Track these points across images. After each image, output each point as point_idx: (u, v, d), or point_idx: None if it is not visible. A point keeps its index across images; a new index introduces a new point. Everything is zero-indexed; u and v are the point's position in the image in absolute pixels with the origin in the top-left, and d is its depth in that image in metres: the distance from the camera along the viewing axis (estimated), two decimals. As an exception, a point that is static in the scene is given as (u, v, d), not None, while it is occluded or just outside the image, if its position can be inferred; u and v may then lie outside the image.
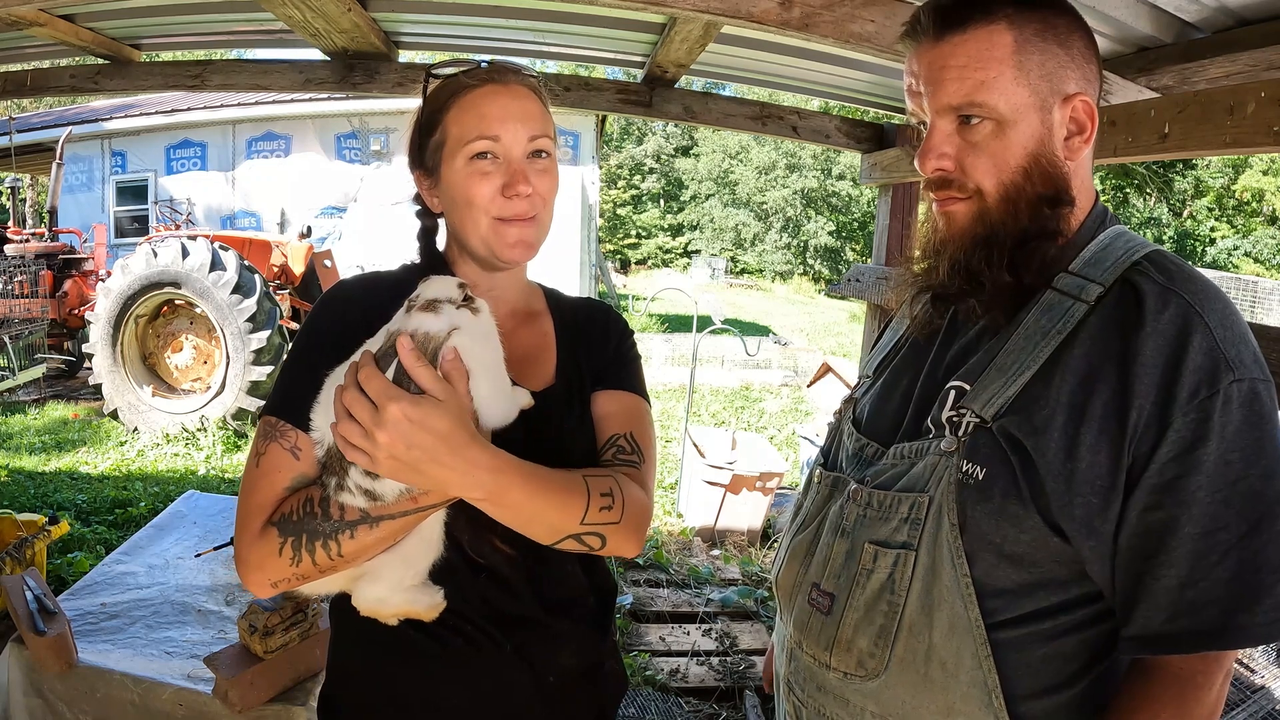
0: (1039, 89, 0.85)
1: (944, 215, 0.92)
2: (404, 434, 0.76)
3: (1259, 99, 1.34)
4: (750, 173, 29.62)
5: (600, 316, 1.14)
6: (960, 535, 0.83)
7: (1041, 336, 0.84)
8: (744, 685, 3.04)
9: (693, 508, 4.64)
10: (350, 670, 1.04)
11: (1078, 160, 0.88)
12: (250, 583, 0.90)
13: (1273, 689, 2.50)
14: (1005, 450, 0.82)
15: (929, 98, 0.88)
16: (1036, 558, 0.82)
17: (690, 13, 1.72)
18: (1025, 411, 0.81)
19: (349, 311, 0.97)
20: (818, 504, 1.03)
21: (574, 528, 0.90)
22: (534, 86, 1.01)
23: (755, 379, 9.55)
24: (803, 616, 0.97)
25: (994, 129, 0.85)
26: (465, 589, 0.96)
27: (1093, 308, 0.83)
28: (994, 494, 0.82)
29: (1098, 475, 0.77)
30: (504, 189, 0.96)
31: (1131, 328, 0.78)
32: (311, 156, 11.01)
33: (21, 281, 6.83)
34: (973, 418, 0.85)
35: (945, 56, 0.86)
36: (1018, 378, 0.83)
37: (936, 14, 0.87)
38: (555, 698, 1.02)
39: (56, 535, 2.87)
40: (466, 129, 0.96)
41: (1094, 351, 0.80)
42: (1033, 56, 0.85)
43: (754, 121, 2.95)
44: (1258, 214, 23.49)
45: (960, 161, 0.88)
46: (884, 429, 0.99)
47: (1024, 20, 0.85)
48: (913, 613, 0.86)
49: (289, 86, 2.82)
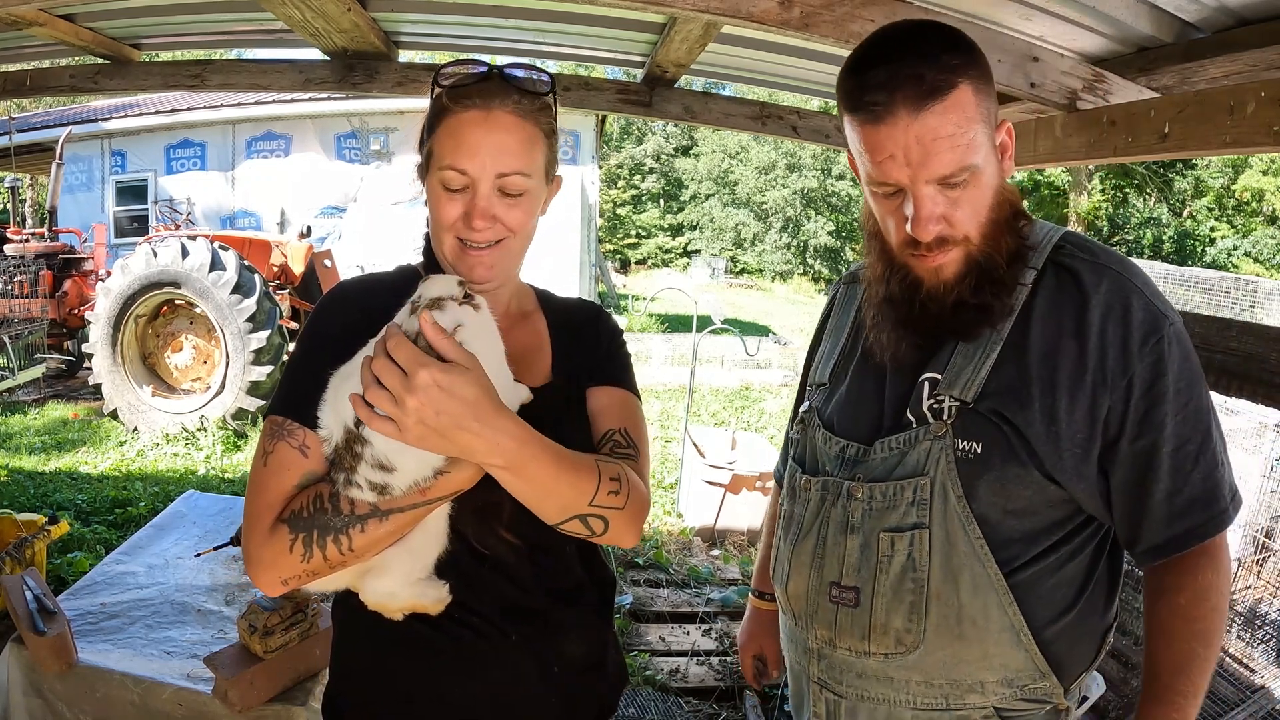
0: (989, 127, 0.92)
1: (931, 270, 0.97)
2: (434, 399, 0.77)
3: (1259, 99, 1.34)
4: (750, 173, 29.60)
5: (590, 315, 1.17)
6: (968, 504, 0.94)
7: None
8: (744, 685, 3.04)
9: (693, 508, 4.64)
10: (356, 667, 1.05)
11: (1009, 175, 0.98)
12: (262, 582, 0.90)
13: (1273, 689, 2.50)
14: (996, 425, 0.94)
15: (917, 168, 0.90)
16: (1036, 507, 0.94)
17: (690, 13, 1.72)
18: (1006, 393, 0.94)
19: (350, 312, 0.99)
20: (812, 510, 1.08)
21: (582, 507, 0.91)
22: (523, 112, 0.97)
23: (755, 379, 9.55)
24: (829, 615, 1.03)
25: (971, 178, 0.91)
26: (471, 581, 0.98)
27: (1033, 289, 0.96)
28: (994, 462, 0.94)
29: (1076, 431, 0.92)
30: (464, 218, 0.96)
31: (1078, 305, 0.93)
32: (311, 156, 11.00)
33: (21, 281, 6.83)
34: (952, 401, 0.96)
35: (933, 129, 0.88)
36: (985, 360, 0.95)
37: (915, 85, 0.87)
38: (561, 688, 1.03)
39: (56, 535, 2.87)
40: (443, 152, 0.96)
41: (1049, 328, 0.94)
42: (985, 103, 0.91)
43: (754, 121, 2.95)
44: (1258, 214, 23.47)
45: (948, 218, 0.93)
46: (862, 429, 1.06)
47: (971, 69, 0.90)
48: (937, 583, 0.96)
49: (289, 86, 2.81)
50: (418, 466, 0.85)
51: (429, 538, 0.93)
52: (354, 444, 0.85)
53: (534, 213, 1.01)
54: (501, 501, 0.93)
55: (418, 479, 0.86)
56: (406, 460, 0.85)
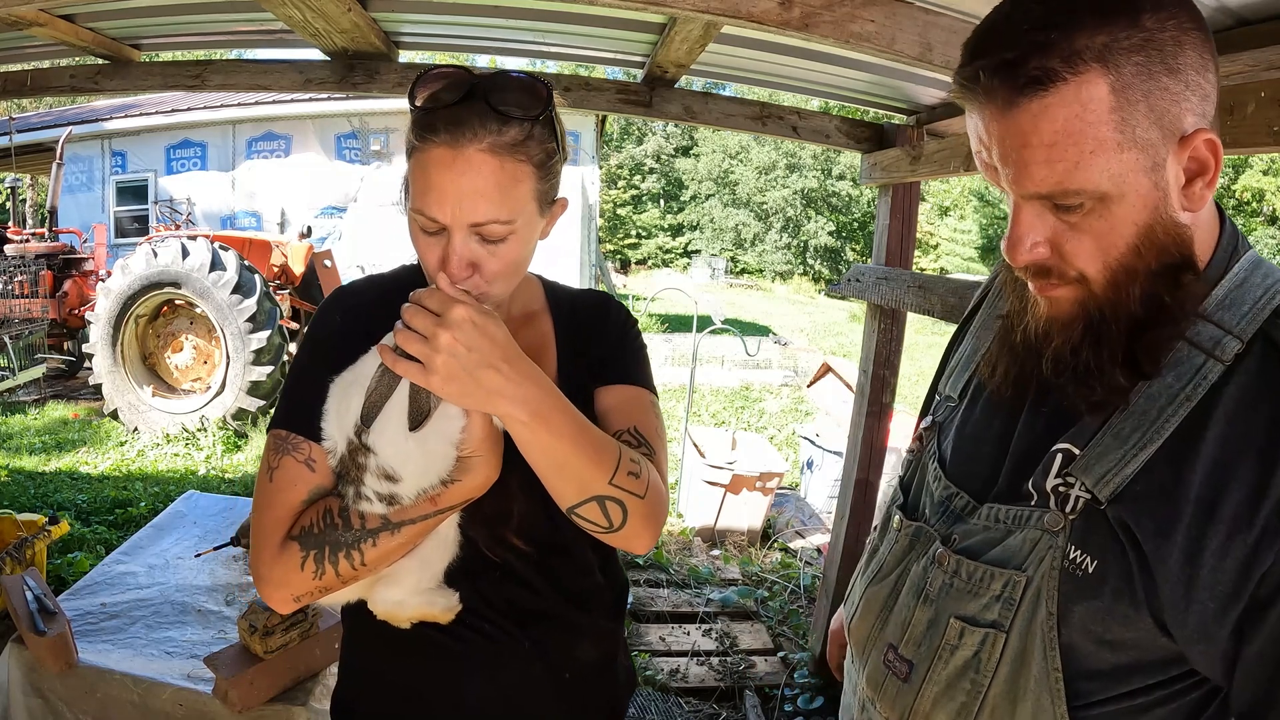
0: (1149, 142, 0.66)
1: (1047, 299, 0.76)
2: (467, 335, 0.75)
3: (1259, 99, 1.34)
4: (750, 173, 29.60)
5: (600, 307, 1.11)
6: (1057, 626, 0.75)
7: (1168, 402, 0.70)
8: (744, 685, 3.05)
9: (693, 508, 4.64)
10: (367, 672, 1.04)
11: (1201, 208, 0.70)
12: (273, 600, 0.88)
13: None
14: (1123, 544, 0.71)
15: (1009, 180, 0.70)
16: (1140, 646, 0.73)
17: (690, 13, 1.72)
18: (1147, 502, 0.70)
19: (351, 317, 0.97)
20: (896, 555, 0.94)
21: (602, 486, 0.85)
22: (501, 148, 0.82)
23: (755, 379, 9.55)
24: (877, 676, 0.92)
25: (1095, 206, 0.68)
26: (482, 588, 0.96)
27: (1230, 368, 0.68)
28: (1104, 592, 0.72)
29: (1220, 582, 0.66)
30: (443, 262, 0.85)
31: (1277, 411, 0.66)
32: (311, 156, 11.00)
33: (21, 281, 6.83)
34: (1083, 492, 0.73)
35: (1025, 133, 0.66)
36: (1138, 452, 0.71)
37: (1006, 71, 0.65)
38: (573, 692, 1.02)
39: (56, 535, 2.87)
40: (415, 191, 0.85)
41: (1231, 435, 0.67)
42: (1138, 106, 0.64)
43: (754, 121, 2.95)
44: (1258, 214, 23.49)
45: (1057, 246, 0.71)
46: (976, 478, 0.86)
47: (1121, 54, 0.63)
48: (996, 696, 0.79)
49: (289, 86, 2.81)
50: (422, 473, 0.84)
51: (440, 546, 0.92)
52: (357, 454, 0.84)
53: (525, 247, 0.89)
54: (511, 508, 0.92)
55: (424, 486, 0.84)
56: (410, 466, 0.83)
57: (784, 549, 4.58)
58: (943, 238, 27.74)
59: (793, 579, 4.02)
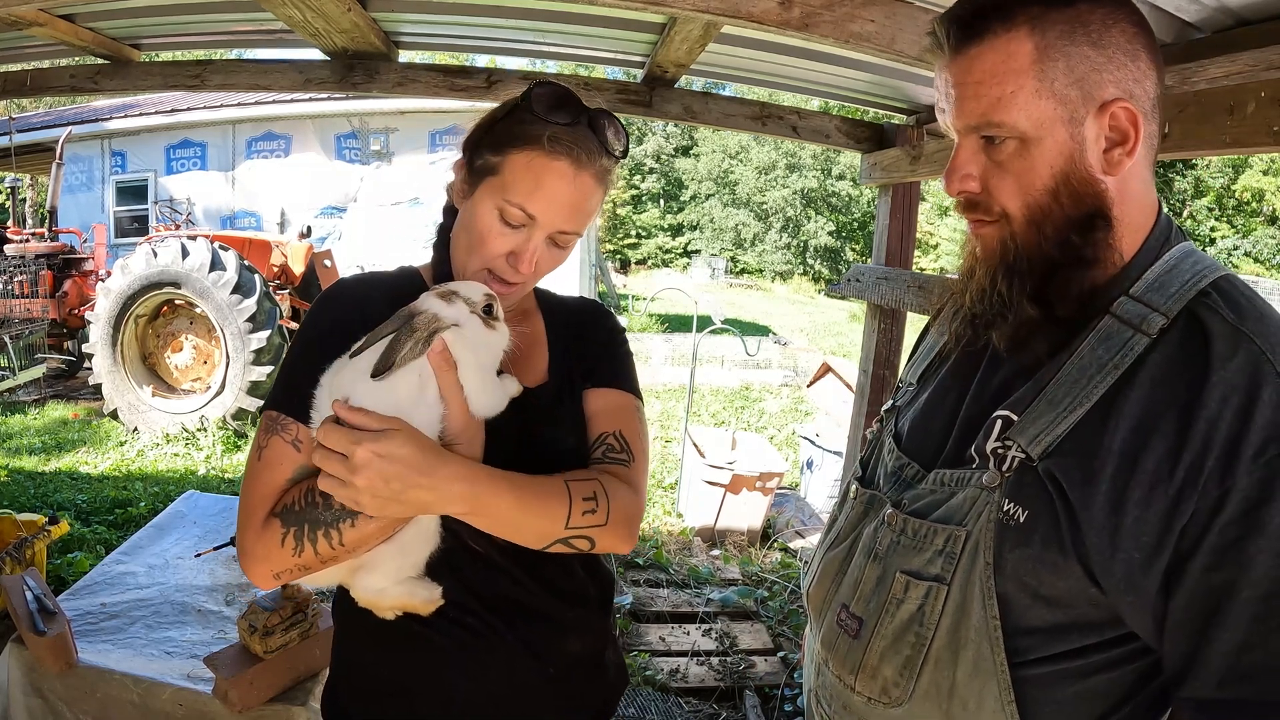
0: (1067, 99, 0.77)
1: (977, 237, 0.88)
2: (378, 470, 0.79)
3: (1259, 99, 1.34)
4: (750, 173, 29.61)
5: (590, 314, 1.16)
6: (994, 575, 0.80)
7: (1097, 370, 0.78)
8: (744, 685, 3.05)
9: (693, 508, 4.64)
10: (357, 663, 1.05)
11: (1119, 174, 0.80)
12: (254, 574, 0.91)
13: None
14: (1050, 494, 0.77)
15: (950, 115, 0.83)
16: (1072, 601, 0.78)
17: (690, 13, 1.72)
18: (1074, 455, 0.76)
19: (346, 309, 0.99)
20: (852, 521, 1.00)
21: (560, 532, 0.92)
22: (601, 175, 0.98)
23: (755, 379, 9.55)
24: (830, 636, 0.96)
25: (1018, 147, 0.80)
26: (466, 580, 0.98)
27: (1155, 341, 0.76)
28: (1034, 539, 0.78)
29: (1143, 531, 0.72)
30: (509, 256, 0.96)
31: (1197, 375, 0.72)
32: (311, 156, 10.99)
33: (21, 281, 6.83)
34: (1018, 453, 0.80)
35: (963, 72, 0.80)
36: (1069, 414, 0.78)
37: (953, 24, 0.81)
38: (562, 687, 1.04)
39: (56, 535, 2.87)
40: (516, 185, 0.94)
41: (1153, 397, 0.74)
42: (1058, 63, 0.77)
43: (754, 121, 2.95)
44: (1258, 214, 23.48)
45: (985, 182, 0.83)
46: (926, 450, 0.94)
47: (1048, 22, 0.77)
48: (939, 648, 0.84)
49: (289, 86, 2.82)
50: None
51: (420, 536, 0.94)
52: None
53: (569, 254, 1.03)
54: None
55: None
56: None
57: (784, 549, 4.58)
58: (943, 238, 27.72)
59: (793, 579, 4.02)
